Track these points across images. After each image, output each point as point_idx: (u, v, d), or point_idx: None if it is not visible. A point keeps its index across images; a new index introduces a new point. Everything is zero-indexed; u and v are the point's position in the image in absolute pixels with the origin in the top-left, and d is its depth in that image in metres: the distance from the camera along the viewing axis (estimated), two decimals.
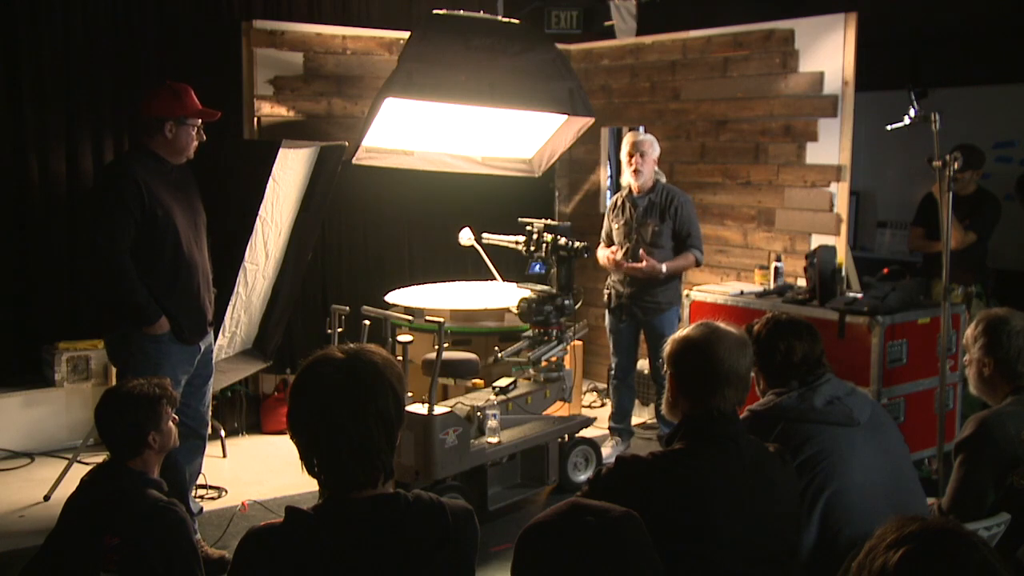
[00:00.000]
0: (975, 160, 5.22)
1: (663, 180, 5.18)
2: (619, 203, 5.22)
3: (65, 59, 5.34)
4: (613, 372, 5.39)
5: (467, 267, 6.13)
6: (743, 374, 2.28)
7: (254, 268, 4.89)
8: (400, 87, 4.50)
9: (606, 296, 5.24)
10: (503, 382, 4.56)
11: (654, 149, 5.06)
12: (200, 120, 3.77)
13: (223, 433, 5.31)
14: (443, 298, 5.39)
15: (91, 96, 5.43)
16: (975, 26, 6.40)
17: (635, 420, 5.61)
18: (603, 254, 5.21)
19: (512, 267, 5.62)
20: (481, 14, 4.97)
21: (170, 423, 2.88)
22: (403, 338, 4.07)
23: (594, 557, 1.53)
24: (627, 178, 5.10)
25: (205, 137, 3.82)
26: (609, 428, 5.36)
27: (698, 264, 5.14)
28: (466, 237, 5.27)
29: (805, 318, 2.80)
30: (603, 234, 5.33)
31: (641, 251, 4.98)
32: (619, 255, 5.09)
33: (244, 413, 5.64)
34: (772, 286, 5.23)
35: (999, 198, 5.55)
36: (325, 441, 1.80)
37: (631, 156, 5.05)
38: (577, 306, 4.75)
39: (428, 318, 4.42)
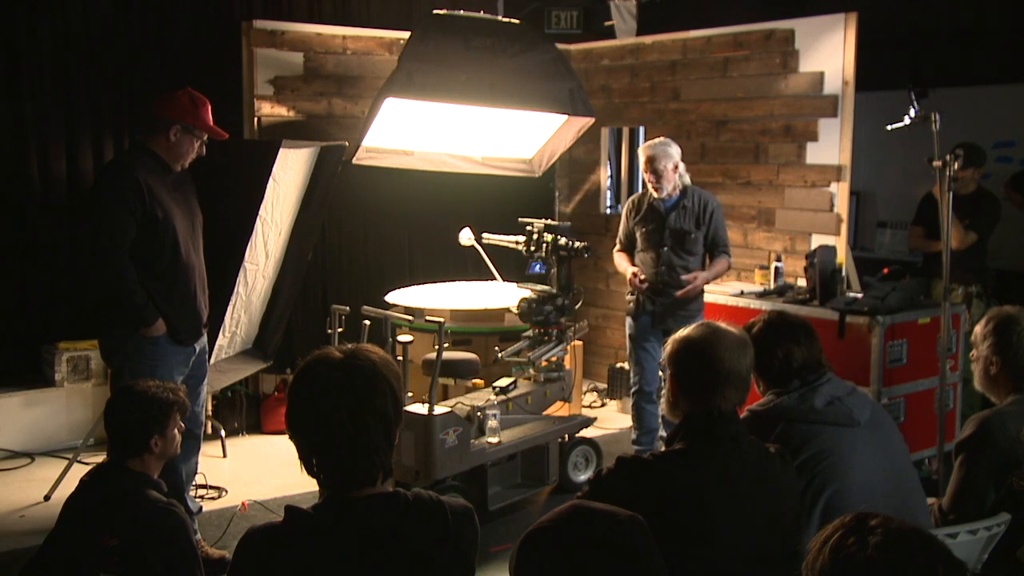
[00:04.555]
0: (976, 158, 5.22)
1: (688, 181, 4.89)
2: (641, 205, 4.93)
3: (65, 59, 5.34)
4: (637, 388, 4.97)
5: (467, 267, 6.13)
6: (744, 374, 2.28)
7: (254, 268, 4.89)
8: (400, 87, 4.50)
9: (633, 303, 4.93)
10: (503, 382, 4.56)
11: (669, 160, 4.78)
12: (206, 135, 3.78)
13: (223, 433, 5.31)
14: (443, 298, 5.39)
15: (91, 96, 5.43)
16: (975, 26, 6.39)
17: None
18: (624, 267, 4.94)
19: (512, 267, 5.62)
20: (481, 14, 4.97)
21: (175, 431, 2.88)
22: (403, 338, 4.07)
23: (599, 562, 1.52)
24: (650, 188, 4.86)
25: (205, 152, 3.82)
26: (634, 449, 4.98)
27: (729, 268, 4.98)
28: (466, 237, 5.27)
29: (805, 318, 2.79)
30: (620, 237, 5.05)
31: (693, 274, 4.72)
32: (641, 278, 4.80)
33: (244, 413, 5.63)
34: (772, 286, 5.23)
35: (999, 198, 5.55)
36: (324, 440, 1.80)
37: (646, 172, 4.84)
38: (577, 306, 4.75)
39: (428, 318, 4.41)
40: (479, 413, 4.29)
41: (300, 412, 1.83)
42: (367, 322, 4.31)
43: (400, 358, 3.97)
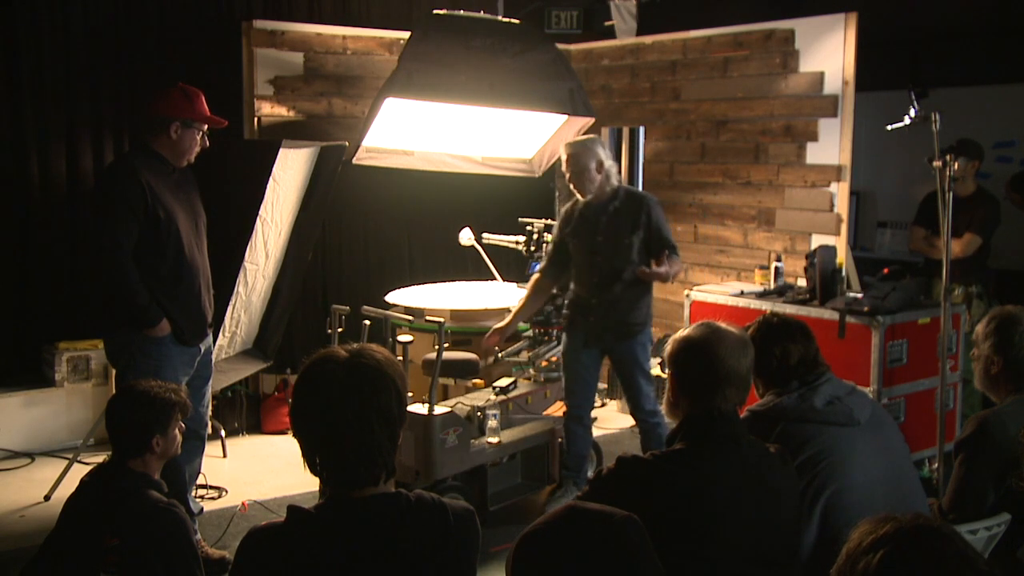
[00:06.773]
0: (972, 151, 5.22)
1: (615, 182, 4.34)
2: (572, 214, 4.42)
3: (65, 59, 5.34)
4: (568, 410, 4.54)
5: (467, 267, 6.13)
6: (744, 374, 2.28)
7: (254, 268, 4.89)
8: (400, 87, 4.50)
9: (566, 317, 4.49)
10: (503, 382, 4.56)
11: (591, 159, 4.24)
12: (206, 126, 3.78)
13: (223, 433, 5.31)
14: (443, 298, 5.39)
15: (91, 96, 5.43)
16: (975, 26, 6.40)
17: (632, 422, 5.57)
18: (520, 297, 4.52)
19: (512, 267, 5.63)
20: (481, 14, 4.98)
21: (176, 431, 2.88)
22: (403, 338, 4.07)
23: (595, 563, 1.52)
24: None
25: (208, 144, 3.82)
26: (561, 474, 4.57)
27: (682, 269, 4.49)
28: (466, 237, 5.27)
29: (805, 318, 2.80)
30: (548, 251, 4.56)
31: (663, 256, 4.14)
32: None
33: (244, 413, 5.64)
34: (772, 286, 5.23)
35: (999, 199, 5.56)
36: (328, 439, 1.80)
37: (565, 172, 4.34)
38: None
39: (428, 318, 4.41)
40: (479, 413, 4.29)
41: (305, 410, 1.83)
42: (367, 322, 4.31)
43: (400, 358, 3.97)
